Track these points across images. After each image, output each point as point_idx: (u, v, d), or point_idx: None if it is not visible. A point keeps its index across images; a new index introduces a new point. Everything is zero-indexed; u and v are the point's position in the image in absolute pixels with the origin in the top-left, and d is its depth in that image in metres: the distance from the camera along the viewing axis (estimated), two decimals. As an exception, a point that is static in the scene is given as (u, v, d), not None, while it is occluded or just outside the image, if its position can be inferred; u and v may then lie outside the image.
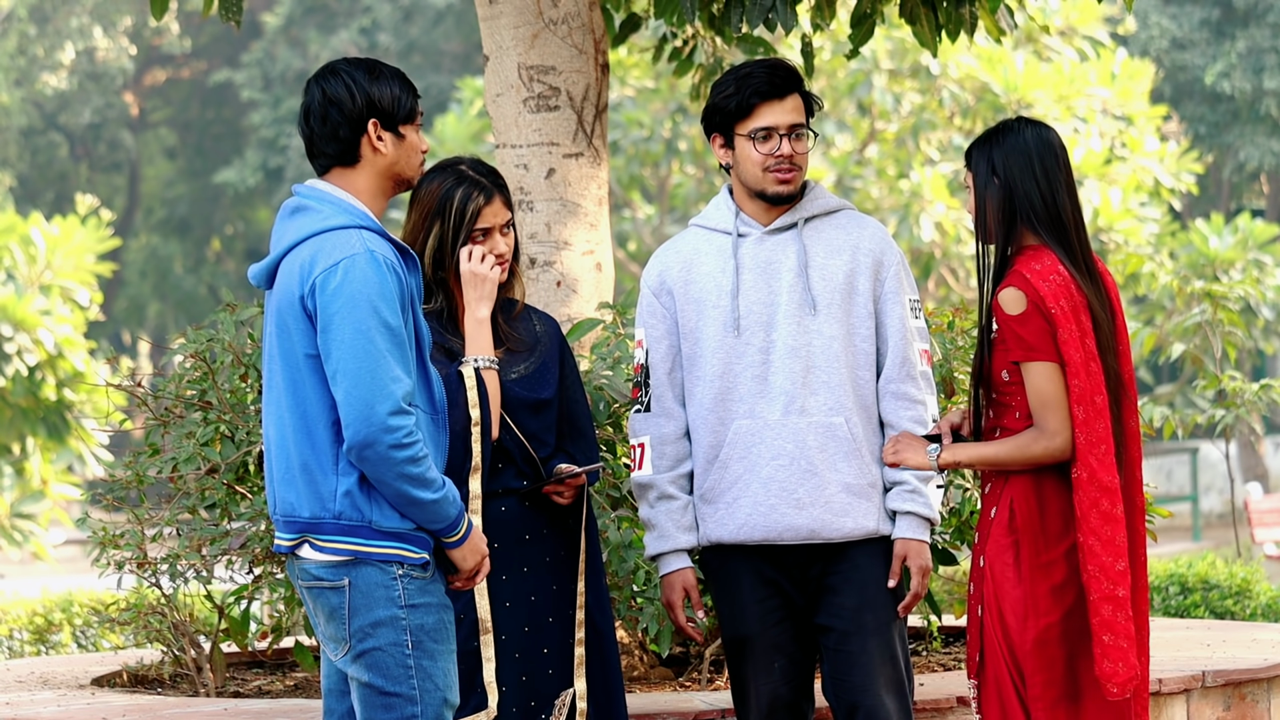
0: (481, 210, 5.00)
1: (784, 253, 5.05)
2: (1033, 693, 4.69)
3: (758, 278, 5.04)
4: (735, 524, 5.02)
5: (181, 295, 40.33)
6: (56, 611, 11.26)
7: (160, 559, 6.55)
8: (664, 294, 5.13)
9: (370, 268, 4.32)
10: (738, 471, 5.01)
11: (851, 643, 4.97)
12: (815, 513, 4.98)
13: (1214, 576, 10.08)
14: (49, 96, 38.53)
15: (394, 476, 4.30)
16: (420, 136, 4.55)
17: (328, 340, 4.31)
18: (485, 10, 6.99)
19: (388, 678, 4.36)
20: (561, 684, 5.01)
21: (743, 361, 5.02)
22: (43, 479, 19.73)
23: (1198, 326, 12.21)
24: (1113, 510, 4.63)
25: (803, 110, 5.06)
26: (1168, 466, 29.08)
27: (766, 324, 5.02)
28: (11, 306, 19.03)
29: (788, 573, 5.04)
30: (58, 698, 6.43)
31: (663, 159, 25.65)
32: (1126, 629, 4.61)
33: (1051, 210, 4.74)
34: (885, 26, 19.58)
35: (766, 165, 5.02)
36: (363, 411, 4.27)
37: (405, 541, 4.38)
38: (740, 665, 5.08)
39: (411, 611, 4.38)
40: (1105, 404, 4.66)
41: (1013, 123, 4.82)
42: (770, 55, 8.11)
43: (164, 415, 6.69)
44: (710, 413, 5.04)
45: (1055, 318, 4.65)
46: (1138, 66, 24.48)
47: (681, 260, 5.12)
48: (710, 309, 5.05)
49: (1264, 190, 31.92)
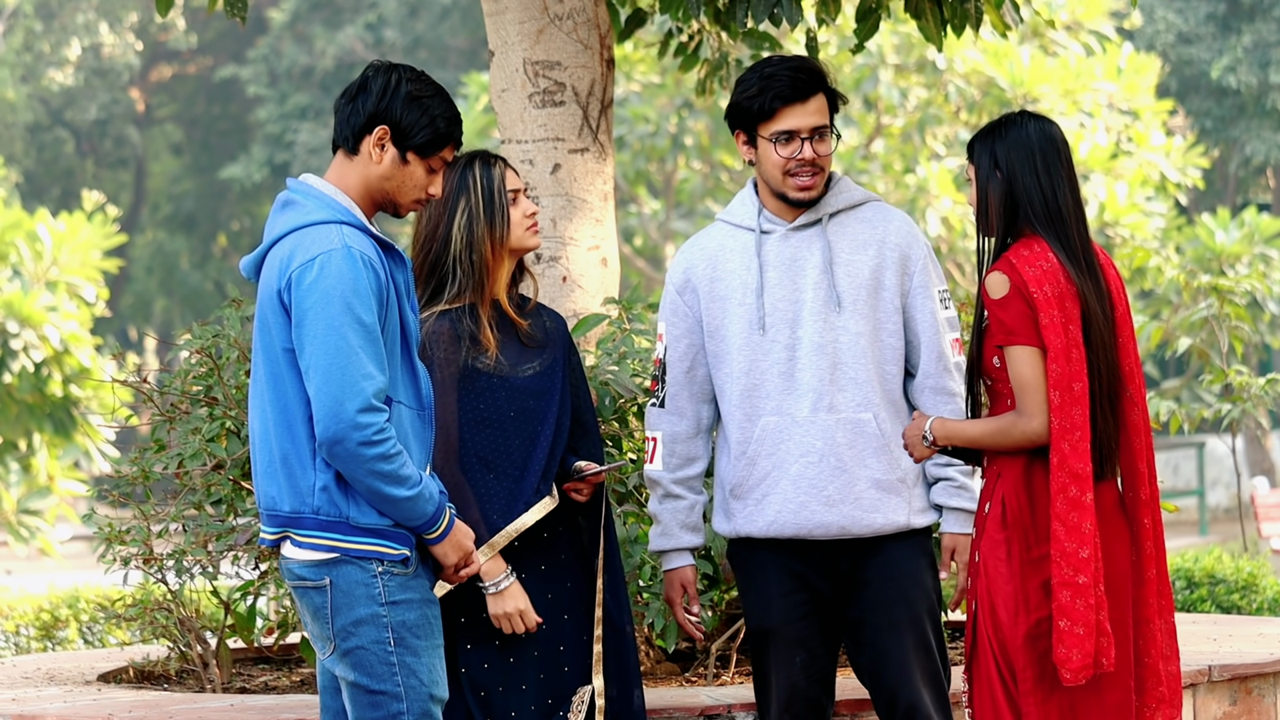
0: (504, 173, 5.02)
1: (808, 250, 5.05)
2: (1024, 688, 4.69)
3: (782, 275, 5.04)
4: (765, 520, 5.03)
5: (187, 291, 40.35)
6: (63, 607, 11.26)
7: (166, 555, 6.55)
8: (688, 291, 5.13)
9: (346, 264, 4.31)
10: (766, 468, 5.02)
11: (886, 637, 4.99)
12: (845, 509, 4.99)
13: (1220, 571, 10.07)
14: (55, 93, 38.54)
15: (365, 474, 4.29)
16: (429, 179, 4.50)
17: (301, 335, 4.31)
18: (490, 5, 6.99)
19: (372, 676, 4.36)
20: (578, 681, 5.01)
21: (769, 359, 5.02)
22: (49, 475, 19.75)
23: (1204, 321, 12.18)
24: (1080, 497, 4.63)
25: (826, 111, 5.03)
26: (1174, 461, 29.06)
27: (792, 321, 5.02)
28: (18, 303, 19.03)
29: (816, 566, 5.05)
30: (64, 694, 6.43)
31: (668, 154, 25.64)
32: (1085, 616, 4.60)
33: (1051, 205, 4.75)
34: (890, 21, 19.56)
35: (788, 169, 5.01)
36: (332, 408, 4.26)
37: (383, 538, 4.37)
38: (763, 657, 5.09)
39: (392, 608, 4.37)
40: (1084, 392, 4.66)
41: (1015, 116, 4.82)
42: (776, 50, 8.11)
43: (170, 411, 6.70)
44: (737, 409, 5.05)
45: (1037, 302, 4.66)
46: (1144, 61, 24.45)
47: (707, 257, 5.13)
48: (735, 306, 5.06)
49: (1270, 184, 31.88)
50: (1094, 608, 4.62)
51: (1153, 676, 4.79)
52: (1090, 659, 4.61)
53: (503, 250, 5.01)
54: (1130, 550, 4.80)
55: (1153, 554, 4.81)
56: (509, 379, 4.99)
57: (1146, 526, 4.81)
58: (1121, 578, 4.77)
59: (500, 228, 5.00)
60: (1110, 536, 4.76)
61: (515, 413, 4.99)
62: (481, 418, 4.95)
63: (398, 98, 4.44)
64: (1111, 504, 4.79)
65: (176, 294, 40.71)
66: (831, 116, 5.06)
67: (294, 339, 4.33)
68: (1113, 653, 4.65)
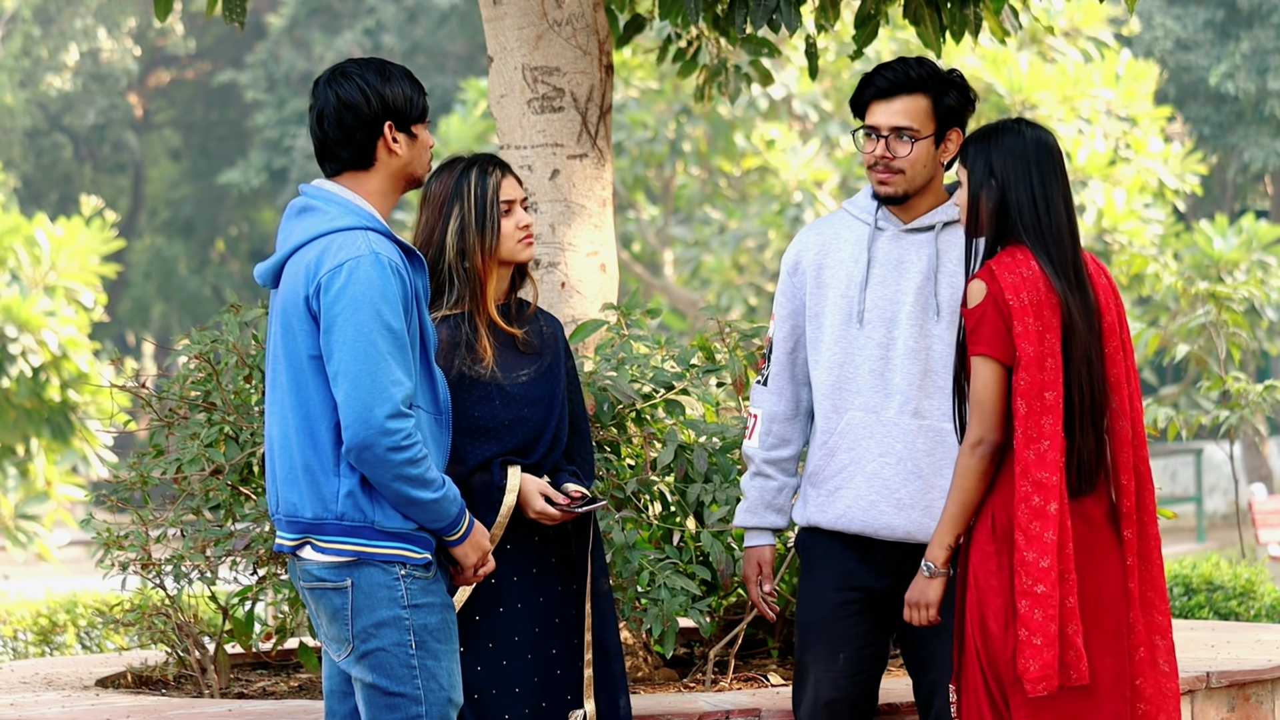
0: (501, 183, 5.01)
1: (917, 253, 5.07)
2: (1014, 700, 4.68)
3: (888, 273, 5.06)
4: (835, 512, 5.07)
5: (185, 296, 40.34)
6: (61, 613, 11.25)
7: (164, 560, 6.55)
8: (797, 274, 5.18)
9: (374, 270, 4.33)
10: (843, 461, 5.06)
11: (931, 645, 5.03)
12: (914, 515, 5.02)
13: (1218, 578, 10.07)
14: (53, 98, 38.54)
15: (392, 478, 4.31)
16: (429, 134, 4.56)
17: (330, 341, 4.32)
18: (489, 11, 6.99)
19: (392, 678, 4.37)
20: (570, 686, 5.02)
21: (862, 354, 5.05)
22: (47, 480, 19.74)
23: (1202, 328, 12.19)
24: (1044, 507, 4.62)
25: (919, 113, 5.00)
26: (1172, 467, 29.07)
27: (889, 321, 5.05)
28: (16, 307, 19.03)
29: (877, 565, 5.07)
30: (62, 699, 6.43)
31: (667, 160, 25.66)
32: (1043, 627, 4.59)
33: (1043, 217, 4.73)
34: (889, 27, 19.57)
35: (870, 164, 5.06)
36: (361, 414, 4.28)
37: (408, 542, 4.39)
38: (804, 649, 5.13)
39: (415, 611, 4.39)
40: (1057, 401, 4.65)
41: (1012, 123, 4.81)
42: (774, 56, 8.11)
43: (168, 416, 6.69)
44: (826, 399, 5.10)
45: (1012, 309, 4.65)
46: (1142, 67, 24.47)
47: (820, 243, 5.16)
48: (838, 297, 5.09)
49: (1268, 191, 31.90)
50: (1054, 618, 4.59)
51: (1130, 690, 4.75)
52: (1051, 670, 4.58)
53: (492, 261, 5.00)
54: (1122, 564, 4.78)
55: (1134, 568, 4.77)
56: (504, 387, 5.00)
57: (1129, 540, 4.76)
58: (1112, 591, 4.75)
59: (490, 238, 4.99)
60: (1099, 550, 4.73)
61: (511, 420, 4.99)
62: (477, 425, 4.95)
63: (376, 92, 4.47)
64: (1101, 516, 4.76)
65: (174, 299, 40.70)
66: (943, 122, 5.01)
67: (322, 345, 4.34)
68: (1084, 666, 4.62)
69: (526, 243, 5.04)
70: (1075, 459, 4.71)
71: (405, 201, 24.99)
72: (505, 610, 4.98)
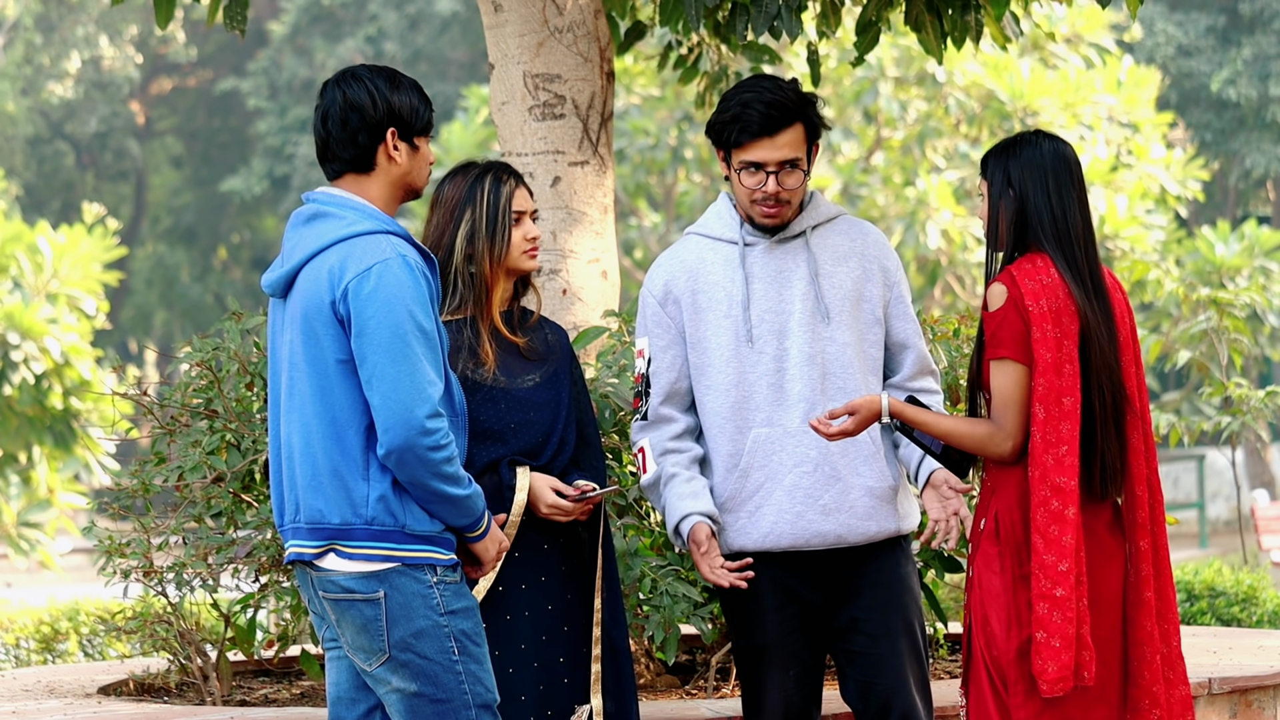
0: (514, 193, 5.02)
1: (794, 261, 5.06)
2: (1015, 701, 4.70)
3: (769, 286, 5.05)
4: (760, 532, 5.02)
5: (188, 304, 40.36)
6: (63, 620, 11.26)
7: (166, 567, 6.55)
8: (669, 303, 5.12)
9: (404, 272, 4.35)
10: (759, 480, 5.02)
11: (881, 645, 5.00)
12: (841, 518, 5.01)
13: (1220, 583, 10.08)
14: (55, 105, 38.56)
15: (430, 476, 4.34)
16: (430, 148, 4.57)
17: (363, 345, 4.33)
18: (490, 18, 7.00)
19: (438, 685, 4.39)
20: (576, 694, 5.02)
21: (757, 370, 5.03)
22: (49, 488, 19.75)
23: (1204, 333, 12.20)
24: (1063, 511, 4.65)
25: (800, 142, 5.00)
26: (1174, 473, 29.06)
27: (779, 333, 5.03)
28: (18, 315, 19.04)
29: (808, 578, 5.04)
30: (64, 706, 6.43)
31: (668, 167, 25.65)
32: (1062, 629, 4.62)
33: (1061, 226, 4.77)
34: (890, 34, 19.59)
35: (753, 198, 5.03)
36: (402, 415, 4.30)
37: (435, 544, 4.42)
38: (756, 673, 5.07)
39: (452, 618, 4.42)
40: (1075, 407, 4.68)
41: (1030, 135, 4.86)
42: (776, 63, 8.12)
43: (170, 424, 6.69)
44: (727, 421, 5.05)
45: (1031, 315, 4.69)
46: (1144, 73, 24.47)
47: (687, 269, 5.12)
48: (721, 319, 5.05)
49: (1270, 197, 31.90)
50: (1072, 621, 4.63)
51: (1148, 698, 4.77)
52: (1068, 671, 4.62)
53: (499, 269, 5.02)
54: (1123, 571, 4.80)
55: (1150, 577, 4.80)
56: (510, 390, 5.01)
57: (1144, 549, 4.79)
58: (1111, 597, 4.77)
59: (500, 246, 5.01)
60: (1102, 555, 4.76)
61: (516, 424, 5.00)
62: (483, 428, 4.96)
63: (383, 97, 4.47)
64: (1105, 523, 4.79)
65: (177, 307, 40.72)
66: (811, 143, 5.03)
67: (354, 348, 4.34)
68: (1094, 667, 4.66)
69: (532, 254, 5.06)
70: (1099, 462, 4.74)
71: (404, 209, 25.02)
72: (513, 618, 4.98)
